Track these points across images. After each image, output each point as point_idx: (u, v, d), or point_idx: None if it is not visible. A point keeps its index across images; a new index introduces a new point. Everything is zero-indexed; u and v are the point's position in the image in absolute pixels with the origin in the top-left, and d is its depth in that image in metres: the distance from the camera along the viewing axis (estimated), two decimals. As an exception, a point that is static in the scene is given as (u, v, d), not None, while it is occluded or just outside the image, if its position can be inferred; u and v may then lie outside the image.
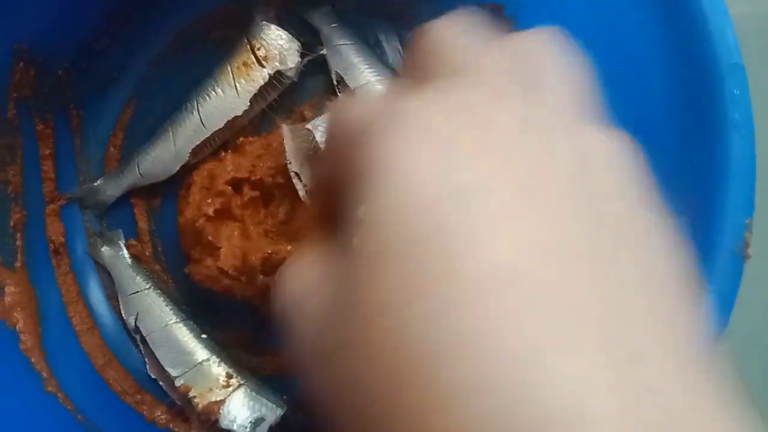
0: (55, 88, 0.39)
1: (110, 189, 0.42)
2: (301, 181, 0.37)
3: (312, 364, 0.19)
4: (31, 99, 0.37)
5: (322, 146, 0.36)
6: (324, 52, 0.40)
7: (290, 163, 0.37)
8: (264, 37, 0.39)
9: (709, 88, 0.29)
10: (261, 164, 0.39)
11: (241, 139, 0.40)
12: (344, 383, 0.17)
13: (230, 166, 0.37)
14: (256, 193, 0.38)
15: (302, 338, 0.19)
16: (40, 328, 0.36)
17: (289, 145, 0.37)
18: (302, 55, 0.39)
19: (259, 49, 0.39)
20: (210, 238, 0.36)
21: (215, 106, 0.40)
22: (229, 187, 0.37)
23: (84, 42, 0.39)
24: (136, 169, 0.41)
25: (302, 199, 0.37)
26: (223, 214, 0.37)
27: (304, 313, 0.19)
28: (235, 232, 0.37)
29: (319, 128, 0.37)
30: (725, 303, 0.27)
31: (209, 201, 0.37)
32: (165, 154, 0.40)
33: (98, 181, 0.42)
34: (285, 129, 0.37)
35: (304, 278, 0.20)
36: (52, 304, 0.38)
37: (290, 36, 0.39)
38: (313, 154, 0.36)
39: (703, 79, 0.29)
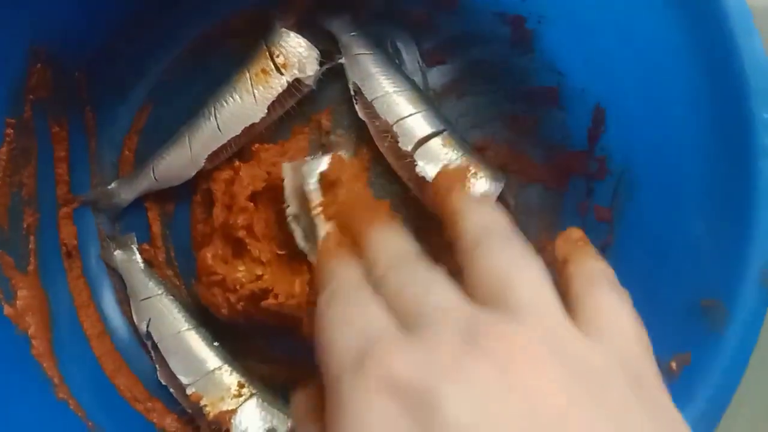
0: (72, 90, 0.39)
1: (124, 192, 0.41)
2: (299, 225, 0.37)
3: None
4: (48, 101, 0.37)
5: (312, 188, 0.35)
6: (342, 60, 0.40)
7: (288, 206, 0.37)
8: (283, 45, 0.38)
9: (738, 112, 0.29)
10: (276, 171, 0.39)
11: (257, 145, 0.40)
12: None
13: (246, 179, 0.37)
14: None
15: None
16: (52, 333, 0.36)
17: (289, 185, 0.37)
18: (321, 63, 0.39)
19: (278, 56, 0.38)
20: (220, 272, 0.36)
21: (233, 113, 0.39)
22: (251, 204, 0.37)
23: (102, 45, 0.39)
24: (152, 173, 0.41)
25: (299, 245, 0.36)
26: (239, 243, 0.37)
27: None
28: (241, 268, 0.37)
29: (313, 173, 0.36)
30: (752, 328, 0.27)
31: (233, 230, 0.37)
32: (181, 159, 0.40)
33: (112, 184, 0.41)
34: (286, 167, 0.37)
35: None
36: (63, 308, 0.38)
37: (309, 44, 0.38)
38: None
39: (732, 103, 0.29)
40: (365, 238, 0.26)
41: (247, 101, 0.39)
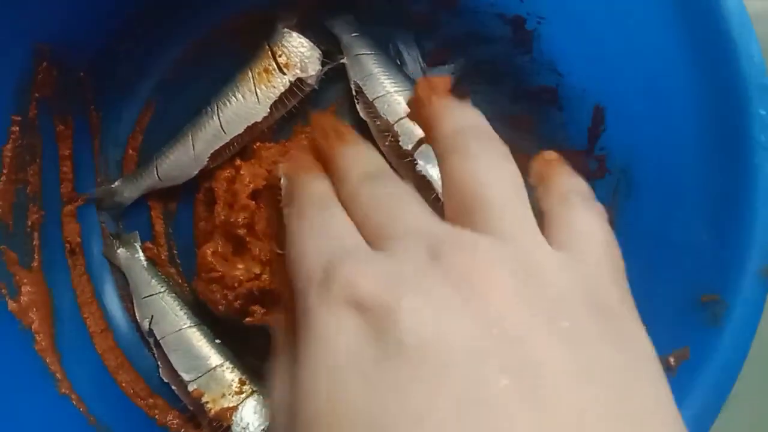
0: (76, 89, 0.39)
1: (128, 191, 0.42)
2: None
3: None
4: (52, 99, 0.37)
5: None
6: (344, 60, 0.40)
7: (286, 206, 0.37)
8: (285, 45, 0.39)
9: (735, 109, 0.29)
10: (277, 170, 0.39)
11: (258, 144, 0.40)
12: None
13: (247, 178, 0.37)
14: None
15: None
16: (55, 329, 0.36)
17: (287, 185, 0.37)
18: (323, 63, 0.39)
19: (280, 56, 0.39)
20: (219, 269, 0.37)
21: (235, 112, 0.40)
22: (252, 202, 0.37)
23: (106, 44, 0.39)
24: (155, 171, 0.41)
25: None
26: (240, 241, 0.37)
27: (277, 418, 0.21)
28: (240, 266, 0.37)
29: None
30: (750, 323, 0.27)
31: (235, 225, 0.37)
32: (184, 157, 0.41)
33: (116, 183, 0.42)
34: (282, 167, 0.37)
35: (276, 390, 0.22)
36: (66, 305, 0.38)
37: (312, 44, 0.39)
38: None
39: (728, 100, 0.29)
40: (335, 156, 0.24)
41: (249, 100, 0.40)
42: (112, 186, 0.42)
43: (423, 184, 0.38)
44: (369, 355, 0.17)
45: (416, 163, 0.38)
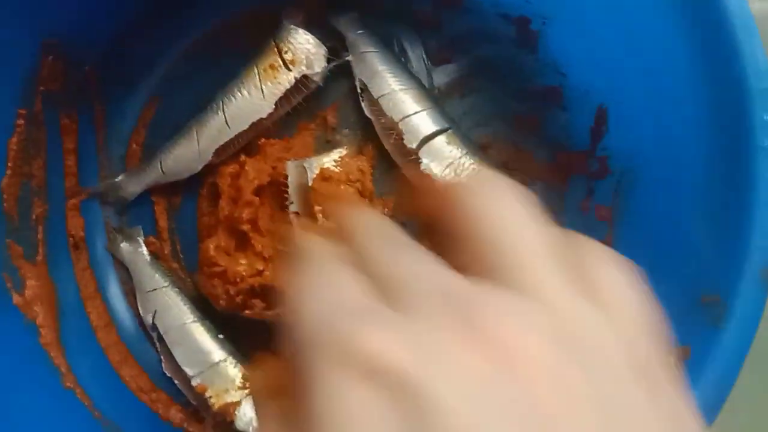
0: (82, 83, 0.39)
1: (132, 185, 0.42)
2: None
3: None
4: (58, 93, 0.37)
5: (311, 183, 0.37)
6: (349, 58, 0.40)
7: (291, 203, 0.37)
8: (291, 41, 0.39)
9: (738, 113, 0.29)
10: (281, 166, 0.39)
11: (263, 140, 0.40)
12: None
13: (252, 174, 0.38)
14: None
15: None
16: (59, 323, 0.36)
17: (293, 183, 0.38)
18: (328, 61, 0.39)
19: (286, 52, 0.39)
20: (222, 263, 0.37)
21: (240, 108, 0.40)
22: (257, 198, 0.37)
23: (112, 39, 0.39)
24: (159, 166, 0.41)
25: None
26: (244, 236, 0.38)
27: None
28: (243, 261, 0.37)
29: (313, 167, 0.38)
30: (750, 324, 0.28)
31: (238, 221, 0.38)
32: (188, 153, 0.41)
33: (120, 177, 0.42)
34: (290, 165, 0.38)
35: None
36: (70, 299, 0.38)
37: (317, 41, 0.39)
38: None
39: (731, 103, 0.30)
40: (342, 216, 0.22)
41: (255, 96, 0.40)
42: (116, 180, 0.42)
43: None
44: None
45: (420, 161, 0.38)
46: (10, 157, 0.35)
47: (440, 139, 0.39)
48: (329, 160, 0.38)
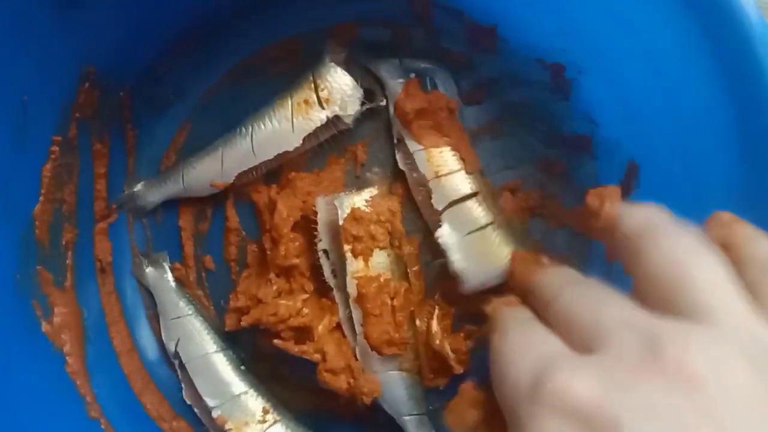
0: (115, 109, 0.39)
1: (151, 195, 0.42)
2: (329, 259, 0.38)
3: None
4: (92, 119, 0.38)
5: (341, 222, 0.37)
6: (383, 103, 0.40)
7: (320, 240, 0.38)
8: (329, 79, 0.39)
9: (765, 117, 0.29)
10: (311, 200, 0.39)
11: (293, 174, 0.40)
12: None
13: (285, 211, 0.38)
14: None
15: None
16: (84, 349, 0.37)
17: (322, 220, 0.38)
18: (362, 104, 0.39)
19: (322, 89, 0.39)
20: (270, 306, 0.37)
21: (268, 137, 0.40)
22: (296, 235, 0.38)
23: (147, 66, 0.39)
24: (181, 179, 0.41)
25: (327, 280, 0.38)
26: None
27: None
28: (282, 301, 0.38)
29: (344, 206, 0.38)
30: None
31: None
32: (211, 171, 0.41)
33: (138, 186, 0.42)
34: (320, 202, 0.38)
35: None
36: (95, 324, 0.39)
37: (355, 84, 0.39)
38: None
39: (758, 107, 0.30)
40: (533, 278, 0.25)
41: (284, 128, 0.40)
42: (135, 190, 0.42)
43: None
44: None
45: (440, 225, 0.38)
46: (43, 183, 0.35)
47: (469, 204, 0.38)
48: (360, 200, 0.38)
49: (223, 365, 0.39)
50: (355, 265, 0.37)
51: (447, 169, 0.39)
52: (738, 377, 0.17)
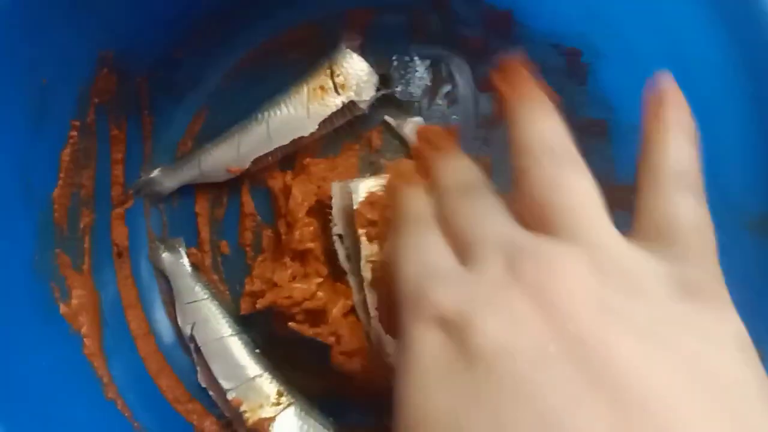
0: (133, 94, 0.40)
1: (168, 181, 0.42)
2: (343, 243, 0.38)
3: None
4: (110, 104, 0.38)
5: (356, 206, 0.37)
6: (398, 88, 0.40)
7: (335, 225, 0.38)
8: (345, 65, 0.39)
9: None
10: (326, 186, 0.39)
11: (308, 159, 0.41)
12: None
13: (300, 196, 0.38)
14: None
15: None
16: (102, 332, 0.37)
17: (337, 204, 0.38)
18: (377, 90, 0.40)
19: (338, 75, 0.39)
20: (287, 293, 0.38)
21: (285, 122, 0.40)
22: (311, 220, 0.38)
23: (164, 51, 0.40)
24: (197, 165, 0.42)
25: (341, 265, 0.38)
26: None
27: None
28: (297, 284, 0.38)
29: (359, 190, 0.38)
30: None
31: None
32: (228, 156, 0.41)
33: (156, 172, 0.42)
34: (335, 186, 0.38)
35: None
36: (112, 307, 0.39)
37: (371, 69, 0.39)
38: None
39: None
40: (435, 166, 0.27)
41: (300, 114, 0.40)
42: (152, 176, 0.42)
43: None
44: (452, 367, 0.19)
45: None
46: (62, 168, 0.35)
47: None
48: (375, 185, 0.38)
49: (238, 348, 0.40)
50: (369, 249, 0.37)
51: None
52: (579, 289, 0.18)
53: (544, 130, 0.25)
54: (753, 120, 0.31)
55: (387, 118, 0.41)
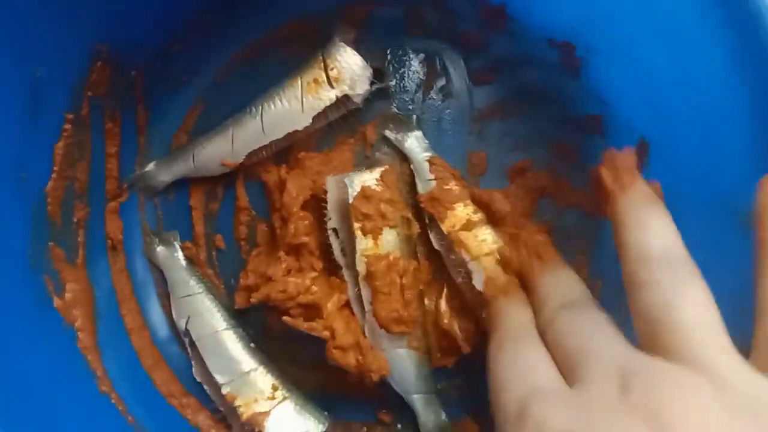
0: (127, 88, 0.39)
1: (162, 175, 0.42)
2: (338, 238, 0.38)
3: None
4: (104, 97, 0.38)
5: (351, 200, 0.37)
6: (392, 83, 0.41)
7: (330, 219, 0.38)
8: (339, 59, 0.39)
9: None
10: (320, 180, 0.39)
11: (302, 153, 0.41)
12: None
13: (294, 190, 0.38)
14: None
15: None
16: (96, 326, 0.37)
17: (332, 199, 0.38)
18: (371, 84, 0.39)
19: (332, 69, 0.39)
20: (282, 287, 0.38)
21: (279, 116, 0.40)
22: (306, 214, 0.38)
23: (160, 44, 0.40)
24: (191, 159, 0.42)
25: (336, 259, 0.38)
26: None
27: None
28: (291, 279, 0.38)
29: (354, 184, 0.38)
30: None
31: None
32: (222, 151, 0.41)
33: (150, 166, 0.42)
34: (330, 181, 0.38)
35: None
36: (106, 301, 0.39)
37: (365, 63, 0.39)
38: None
39: None
40: (536, 281, 0.27)
41: (294, 108, 0.40)
42: (146, 170, 0.42)
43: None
44: None
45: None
46: (56, 161, 0.35)
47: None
48: (370, 179, 0.38)
49: (232, 343, 0.40)
50: (364, 243, 0.37)
51: (486, 249, 0.36)
52: (703, 415, 0.18)
53: (658, 236, 0.24)
54: (746, 115, 0.31)
55: (387, 132, 0.41)
